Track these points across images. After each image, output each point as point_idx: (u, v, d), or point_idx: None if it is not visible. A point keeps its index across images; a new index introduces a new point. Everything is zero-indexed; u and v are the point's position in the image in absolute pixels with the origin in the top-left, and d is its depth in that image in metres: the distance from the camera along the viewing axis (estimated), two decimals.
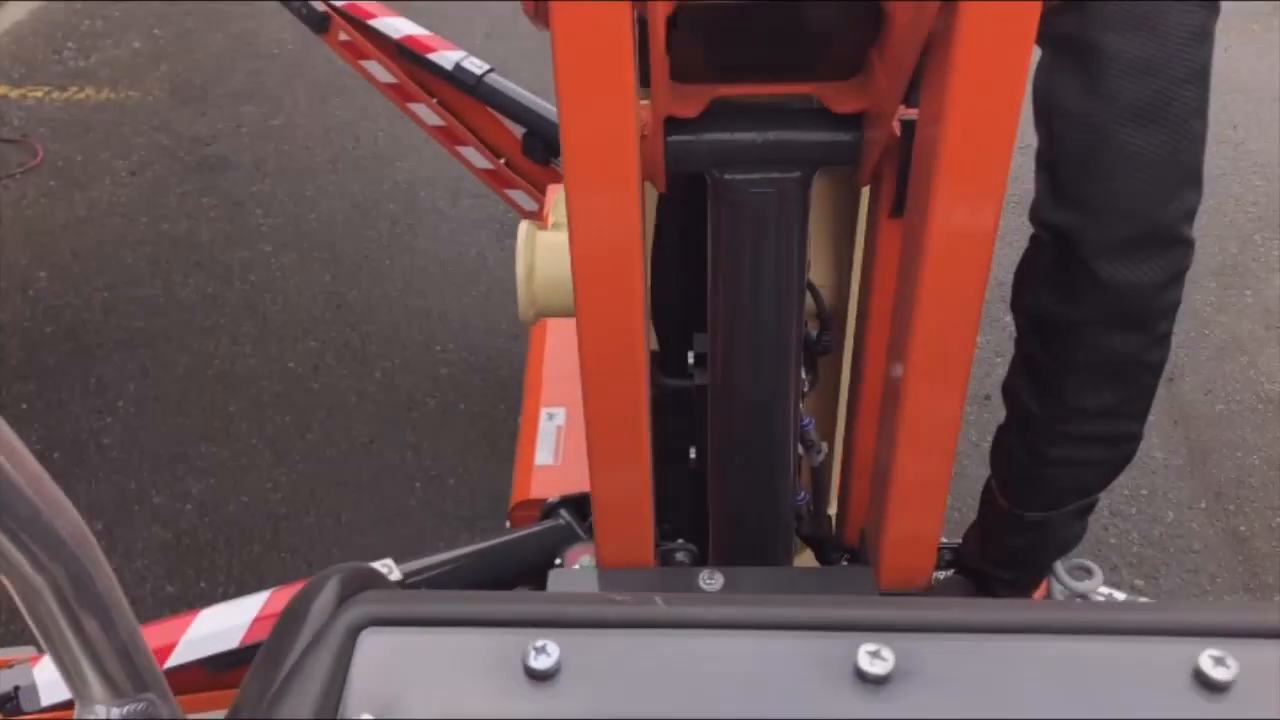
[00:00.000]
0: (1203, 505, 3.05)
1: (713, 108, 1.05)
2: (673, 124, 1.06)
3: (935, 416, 1.05)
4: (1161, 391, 3.45)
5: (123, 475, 3.05)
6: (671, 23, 0.93)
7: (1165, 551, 2.96)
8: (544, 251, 1.56)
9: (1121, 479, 3.28)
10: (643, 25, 0.89)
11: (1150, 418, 3.36)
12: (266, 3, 5.08)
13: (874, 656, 0.56)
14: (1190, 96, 0.83)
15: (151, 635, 1.56)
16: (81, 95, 4.55)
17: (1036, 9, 0.80)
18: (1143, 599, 1.20)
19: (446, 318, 3.57)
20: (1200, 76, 0.83)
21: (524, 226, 1.59)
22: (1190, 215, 0.87)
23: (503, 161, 3.04)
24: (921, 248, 0.96)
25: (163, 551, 2.86)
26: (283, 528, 2.95)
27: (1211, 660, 0.56)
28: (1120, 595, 1.55)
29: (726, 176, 1.09)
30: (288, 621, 0.61)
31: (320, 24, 2.73)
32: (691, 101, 1.04)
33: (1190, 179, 0.86)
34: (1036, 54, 0.90)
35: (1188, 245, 0.88)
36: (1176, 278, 0.89)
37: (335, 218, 3.97)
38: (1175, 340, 3.23)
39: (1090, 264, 0.87)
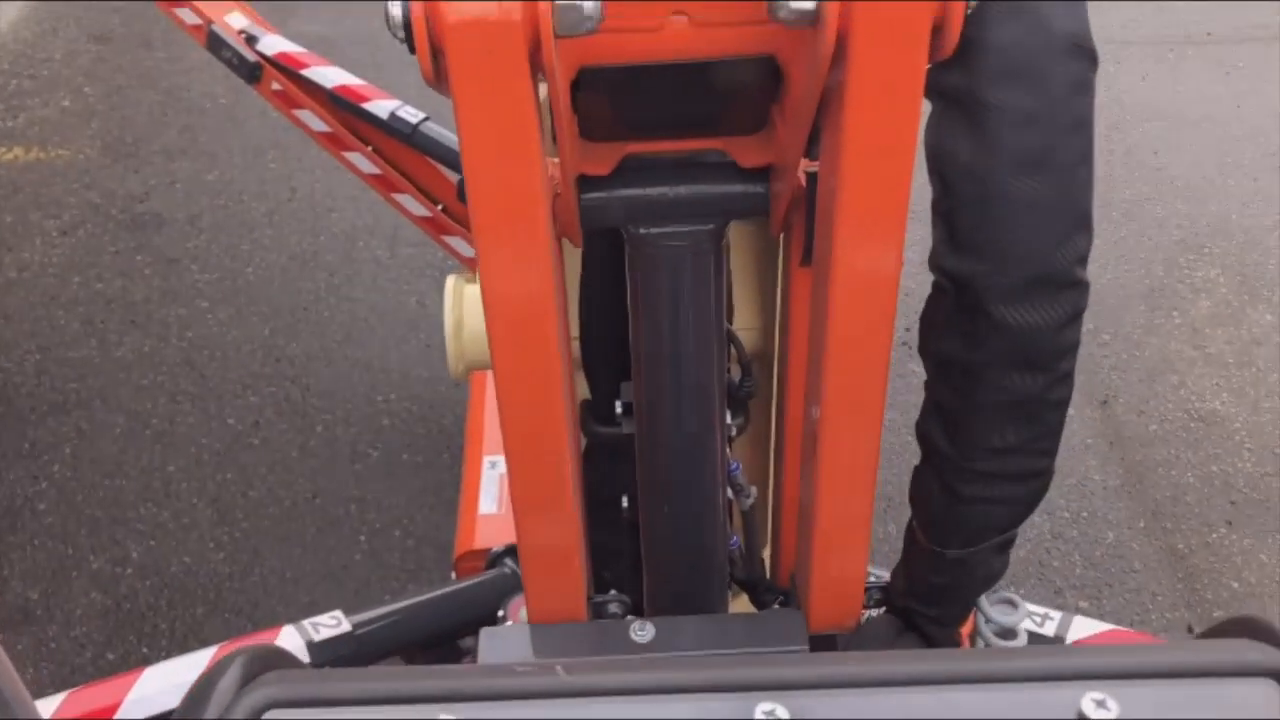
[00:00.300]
0: (1141, 525, 3.10)
1: (624, 164, 1.07)
2: (585, 181, 1.08)
3: (852, 458, 1.07)
4: (1096, 414, 3.51)
5: (59, 541, 2.99)
6: (575, 85, 0.95)
7: (1107, 572, 3.01)
8: (472, 305, 1.56)
9: (1062, 501, 3.33)
10: None
11: (1088, 440, 3.41)
12: (198, 58, 5.07)
13: (769, 716, 0.57)
14: (1075, 145, 0.86)
15: (96, 695, 1.54)
16: (10, 156, 4.50)
17: (922, 67, 0.83)
18: (1028, 645, 1.22)
19: (388, 367, 3.55)
20: (1083, 126, 0.86)
21: (451, 280, 1.59)
22: (1083, 258, 0.90)
23: (440, 208, 3.05)
24: (829, 293, 0.98)
25: (102, 618, 2.81)
26: (226, 588, 2.91)
27: (1094, 703, 0.57)
28: (1058, 614, 1.57)
29: (641, 231, 1.10)
30: (191, 704, 0.61)
31: (252, 74, 2.71)
32: (602, 160, 1.06)
33: (1080, 223, 0.89)
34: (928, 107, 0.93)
35: (1082, 287, 0.91)
36: (1074, 318, 0.92)
37: (273, 271, 3.95)
38: (1108, 363, 3.30)
39: (989, 308, 0.89)
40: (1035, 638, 1.45)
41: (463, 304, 1.57)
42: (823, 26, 0.81)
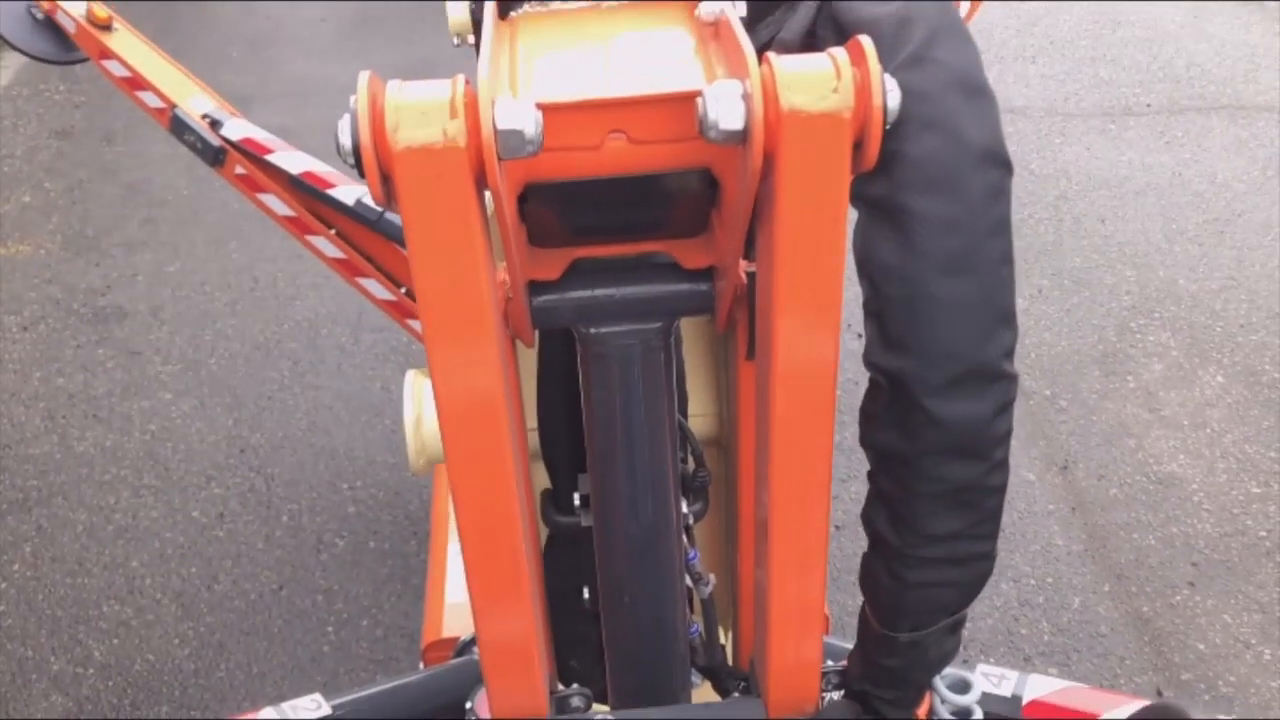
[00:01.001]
0: (1106, 589, 3.14)
1: (572, 267, 1.11)
2: (535, 285, 1.11)
3: (802, 543, 1.10)
4: (1057, 479, 3.56)
5: (18, 643, 2.95)
6: (522, 198, 0.99)
7: (1075, 638, 3.03)
8: (431, 400, 1.58)
9: (1027, 568, 3.36)
10: None
11: (1050, 506, 3.45)
12: (159, 151, 5.12)
13: None
14: (996, 247, 0.91)
15: None
16: None
17: (846, 179, 0.87)
18: None
19: (353, 454, 3.55)
20: (1002, 229, 0.91)
21: (410, 375, 1.62)
22: (1009, 352, 0.94)
23: (404, 291, 3.06)
24: (770, 384, 1.02)
25: None
26: (191, 685, 2.87)
27: None
28: (1014, 674, 1.58)
29: (591, 330, 1.14)
30: None
31: (216, 157, 2.70)
32: (551, 265, 1.10)
33: (1004, 320, 0.93)
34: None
35: (1011, 379, 0.95)
36: (1004, 408, 0.96)
37: (236, 360, 3.95)
38: (1066, 428, 3.35)
39: (922, 402, 0.93)
40: (992, 699, 1.46)
41: (422, 400, 1.59)
42: (751, 144, 0.85)
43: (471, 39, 1.09)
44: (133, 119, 5.38)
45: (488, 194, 0.91)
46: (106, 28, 2.50)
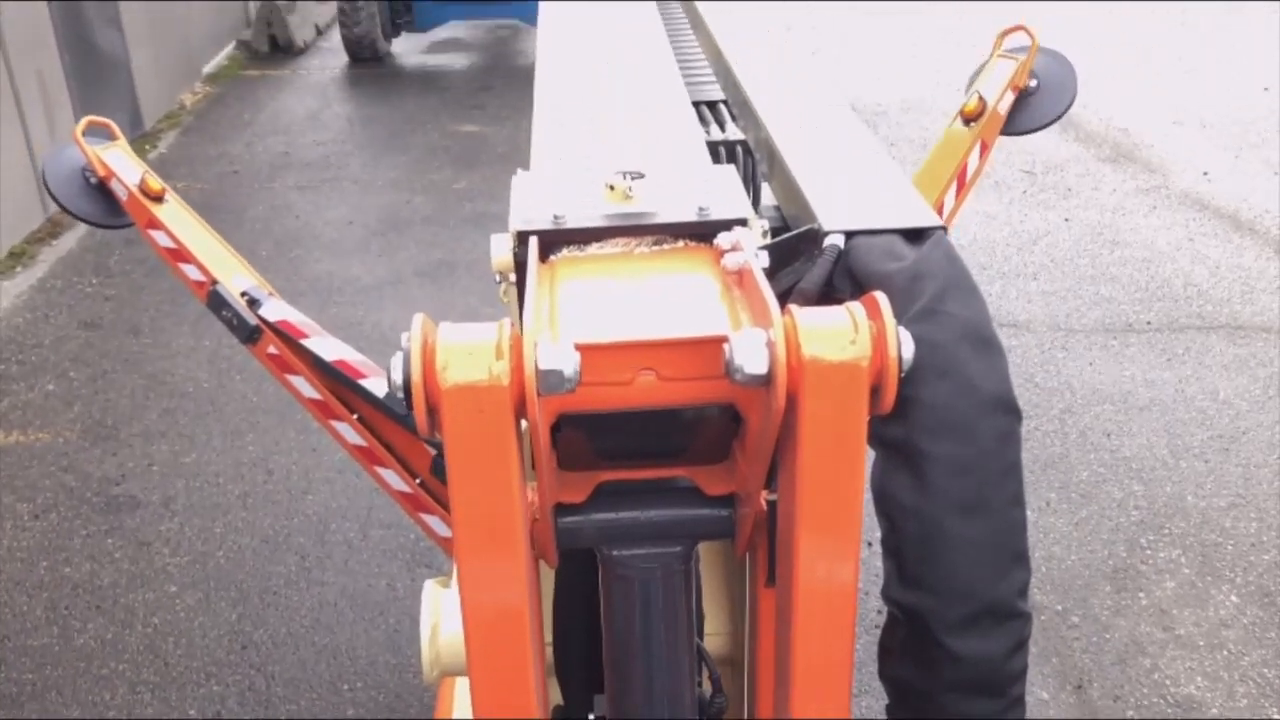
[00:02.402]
0: None
1: (598, 490, 1.15)
2: (561, 506, 1.15)
3: None
4: (1071, 699, 3.49)
5: None
6: (555, 426, 1.04)
7: None
8: (448, 611, 1.60)
9: None
10: None
11: None
12: (183, 344, 5.26)
13: None
14: (1007, 489, 0.95)
15: None
16: None
17: (864, 421, 0.92)
18: None
19: (355, 654, 3.50)
20: (1013, 472, 0.95)
21: (428, 585, 1.63)
22: (1023, 591, 0.97)
23: (418, 481, 3.07)
24: (792, 609, 1.04)
25: None
26: None
27: None
28: None
29: (614, 552, 1.17)
30: None
31: (250, 335, 2.71)
32: (578, 488, 1.13)
33: (1018, 559, 0.96)
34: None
35: (1025, 617, 0.97)
36: (1020, 646, 0.98)
37: (244, 554, 3.94)
38: (1079, 645, 3.31)
39: (939, 638, 0.95)
40: None
41: (439, 611, 1.60)
42: (774, 385, 0.91)
43: (513, 278, 1.17)
44: (159, 312, 5.55)
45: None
46: (158, 199, 2.57)
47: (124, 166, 2.51)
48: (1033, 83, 2.61)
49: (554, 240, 1.14)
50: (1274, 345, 5.20)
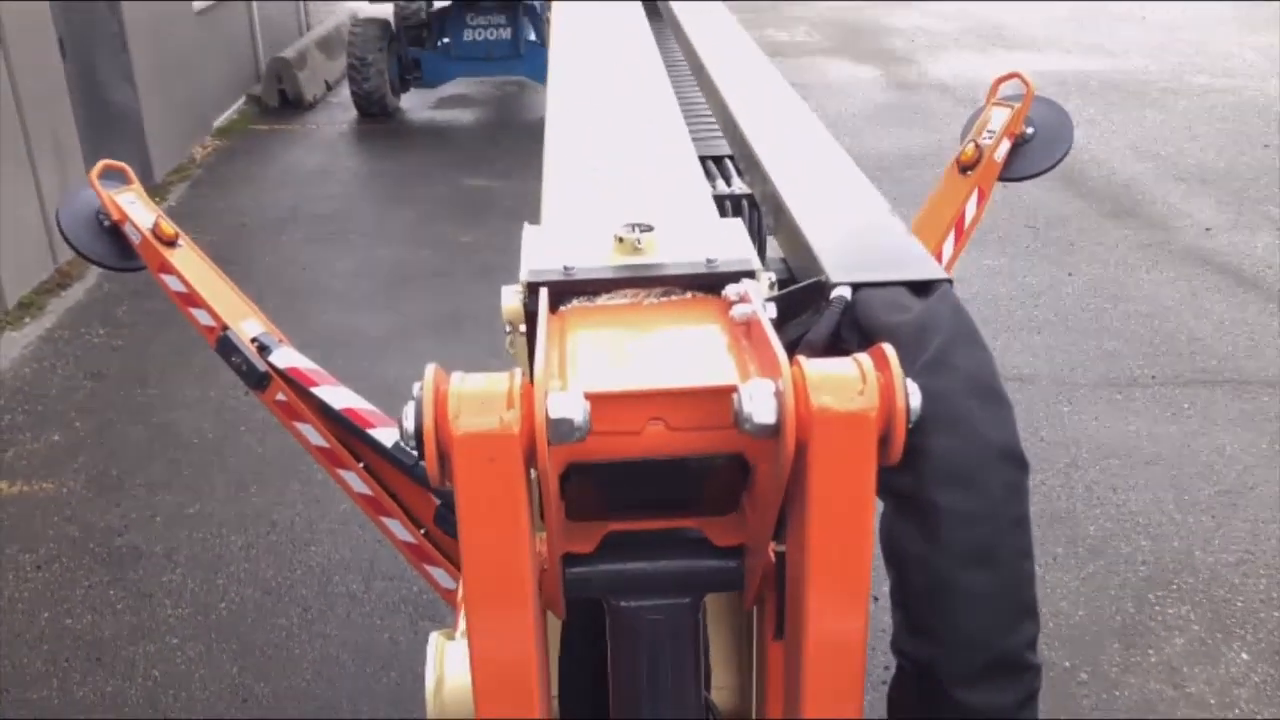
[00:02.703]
0: None
1: (606, 540, 1.15)
2: (570, 556, 1.15)
3: None
4: None
5: None
6: (564, 476, 1.04)
7: None
8: (453, 663, 1.59)
9: None
10: None
11: None
12: (189, 395, 5.27)
13: None
14: (1015, 541, 0.95)
15: None
16: None
17: (872, 471, 0.93)
18: None
19: (356, 709, 3.47)
20: (1021, 524, 0.95)
21: (433, 638, 1.63)
22: (1032, 643, 0.96)
23: (423, 532, 3.05)
24: (801, 661, 1.03)
25: None
26: None
27: None
28: None
29: (621, 603, 1.17)
30: None
31: (259, 382, 2.68)
32: (587, 538, 1.13)
33: (1026, 612, 0.96)
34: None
35: (1035, 670, 0.97)
36: (1029, 699, 0.97)
37: (246, 606, 3.92)
38: (1088, 703, 3.27)
39: (948, 690, 0.95)
40: None
41: (444, 661, 1.59)
42: (784, 435, 0.91)
43: (523, 328, 1.18)
44: (166, 363, 5.57)
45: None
46: (171, 244, 2.57)
47: (138, 211, 2.52)
48: (1029, 130, 2.62)
49: (564, 291, 1.15)
50: (1279, 400, 5.20)
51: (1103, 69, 11.48)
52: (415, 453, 0.93)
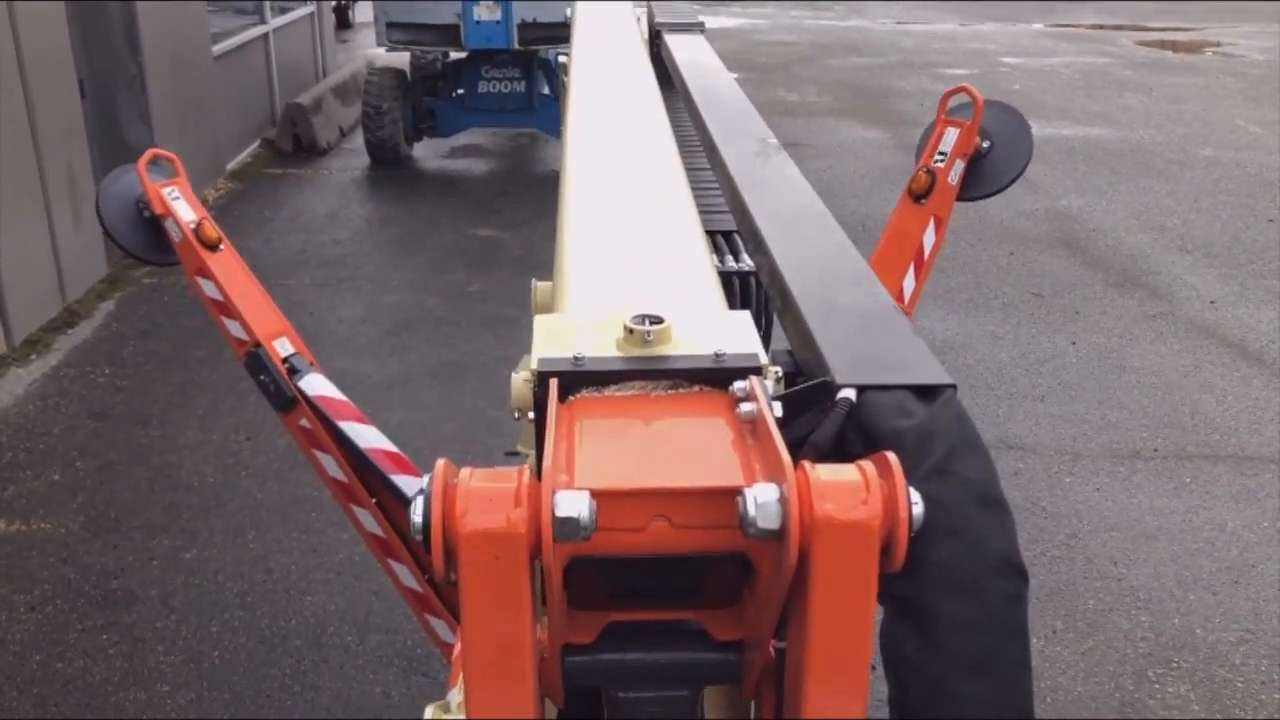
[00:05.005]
0: None
1: (606, 630, 1.15)
2: (570, 646, 1.15)
3: None
4: None
5: None
6: (567, 568, 1.05)
7: None
8: None
9: None
10: None
11: None
12: (191, 437, 5.27)
13: None
14: (1014, 651, 0.95)
15: None
16: None
17: (874, 578, 0.93)
18: None
19: None
20: (1020, 634, 0.96)
21: (429, 711, 1.62)
22: None
23: (426, 578, 3.00)
24: None
25: None
26: None
27: None
28: None
29: (620, 694, 1.17)
30: None
31: (285, 405, 2.55)
32: (587, 628, 1.14)
33: None
34: None
35: None
36: None
37: (239, 654, 3.90)
38: None
39: None
40: None
41: None
42: (787, 541, 0.92)
43: (531, 415, 1.19)
44: (170, 404, 5.59)
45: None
46: (214, 247, 2.43)
47: (182, 207, 2.38)
48: (984, 144, 2.44)
49: (573, 382, 1.16)
50: None
51: (1110, 138, 11.58)
52: (423, 544, 0.94)
